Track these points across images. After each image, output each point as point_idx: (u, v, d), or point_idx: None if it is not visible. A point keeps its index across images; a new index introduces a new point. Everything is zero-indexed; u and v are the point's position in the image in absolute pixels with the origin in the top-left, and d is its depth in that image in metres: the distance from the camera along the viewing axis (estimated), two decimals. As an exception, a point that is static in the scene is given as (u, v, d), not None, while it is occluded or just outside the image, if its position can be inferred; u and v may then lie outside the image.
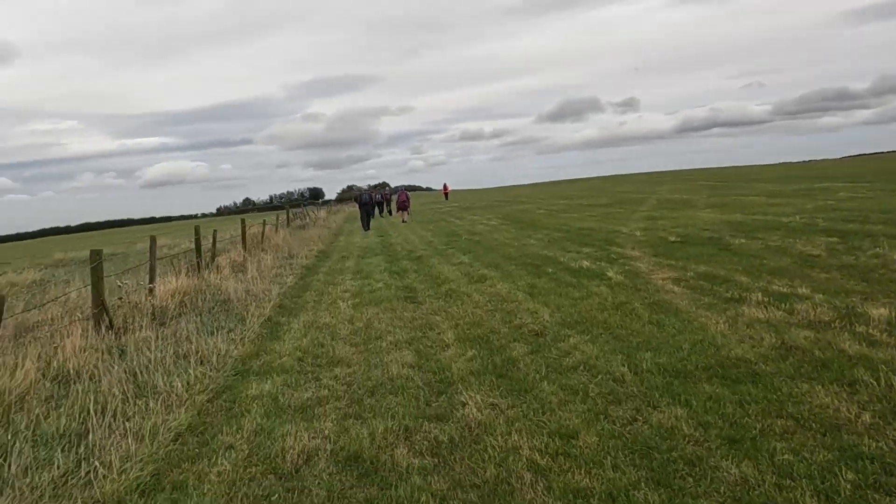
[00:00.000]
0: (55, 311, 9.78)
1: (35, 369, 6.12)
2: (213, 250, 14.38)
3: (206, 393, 5.57)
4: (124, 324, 8.19)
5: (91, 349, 7.00)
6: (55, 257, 23.06)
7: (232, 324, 8.08)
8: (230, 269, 13.33)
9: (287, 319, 8.47)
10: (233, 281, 11.16)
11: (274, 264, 14.06)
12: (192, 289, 10.59)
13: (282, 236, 21.15)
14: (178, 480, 3.96)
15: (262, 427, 4.73)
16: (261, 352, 6.92)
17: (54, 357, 6.55)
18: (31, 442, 4.45)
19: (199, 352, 6.68)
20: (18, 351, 6.89)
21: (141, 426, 4.70)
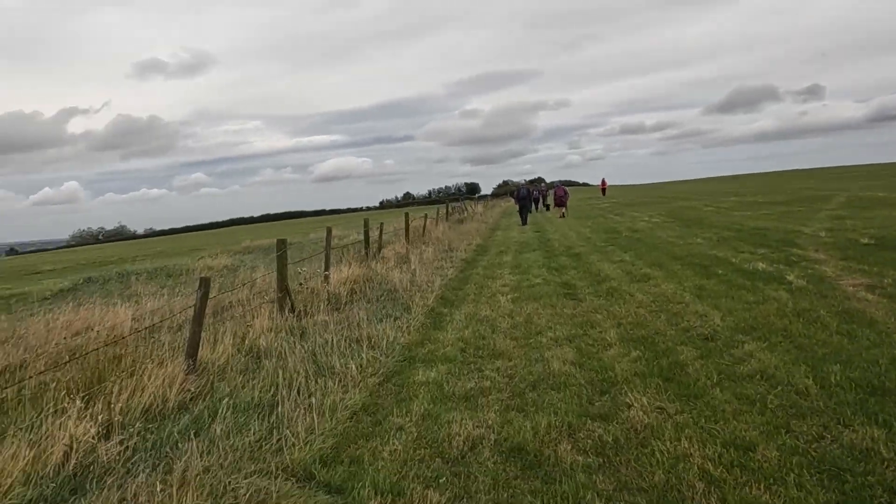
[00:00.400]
0: (244, 293, 10.89)
1: (231, 345, 6.88)
2: (379, 242, 15.21)
3: (377, 376, 5.93)
4: (303, 308, 8.93)
5: (276, 329, 7.72)
6: (243, 245, 25.64)
7: (398, 312, 8.51)
8: (395, 260, 14.01)
9: (449, 311, 8.76)
10: (397, 271, 11.72)
11: (435, 257, 14.58)
12: (361, 277, 11.28)
13: (441, 230, 21.84)
14: (354, 455, 4.28)
15: (429, 412, 4.95)
16: (425, 340, 7.22)
17: (247, 335, 7.32)
18: (231, 408, 5.02)
19: (369, 337, 7.12)
20: (218, 327, 7.78)
21: (322, 403, 5.12)
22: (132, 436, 4.66)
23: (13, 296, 15.83)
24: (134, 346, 6.70)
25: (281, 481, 3.88)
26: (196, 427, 4.74)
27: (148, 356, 6.28)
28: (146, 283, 15.07)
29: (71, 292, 15.05)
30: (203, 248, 34.86)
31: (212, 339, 7.02)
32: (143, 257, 34.83)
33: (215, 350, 6.64)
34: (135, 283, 15.24)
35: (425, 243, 18.19)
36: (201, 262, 18.43)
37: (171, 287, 13.99)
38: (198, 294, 6.13)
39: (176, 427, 4.79)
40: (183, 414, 5.11)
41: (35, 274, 30.64)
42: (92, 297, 13.58)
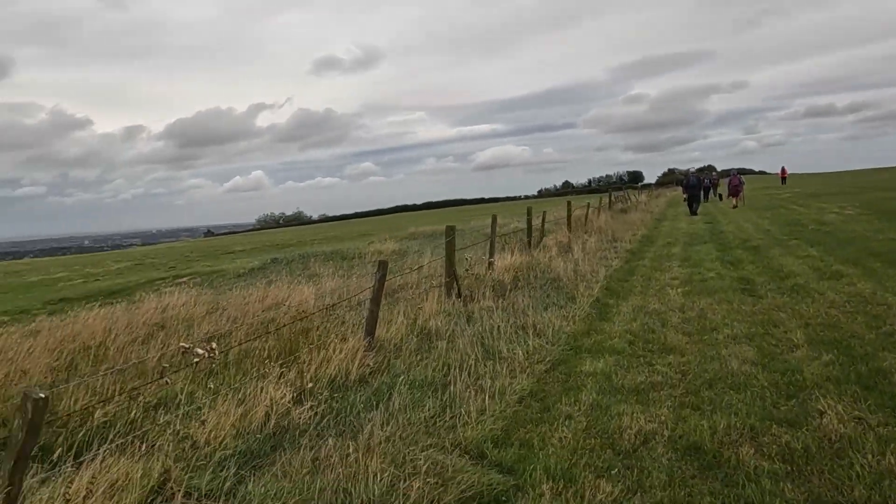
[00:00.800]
0: (412, 277, 11.41)
1: (404, 325, 7.27)
2: (541, 230, 15.19)
3: (543, 364, 5.98)
4: (469, 293, 9.18)
5: (444, 313, 8.02)
6: (408, 231, 26.81)
7: (562, 301, 8.48)
8: (556, 249, 13.92)
9: (615, 302, 8.57)
10: (560, 261, 11.65)
11: (598, 247, 14.28)
12: (523, 265, 11.35)
13: (603, 219, 21.31)
14: (524, 439, 4.37)
15: (598, 403, 4.91)
16: (591, 331, 7.14)
17: (417, 316, 7.68)
18: (407, 385, 5.32)
19: (535, 325, 7.18)
20: (391, 308, 8.25)
21: (491, 385, 5.26)
22: (320, 403, 5.11)
23: (214, 272, 17.86)
24: (320, 322, 7.32)
25: (455, 457, 4.07)
26: (376, 399, 5.09)
27: (331, 332, 6.83)
28: (324, 265, 16.30)
29: (260, 271, 16.68)
30: (371, 233, 36.90)
31: (386, 318, 7.45)
32: (319, 241, 37.59)
33: (389, 329, 7.05)
34: (313, 264, 16.54)
35: (587, 233, 17.86)
36: (372, 247, 19.56)
37: (346, 269, 15.02)
38: (376, 276, 6.54)
39: (358, 398, 5.18)
40: (363, 386, 5.50)
41: (229, 254, 34.18)
42: (278, 276, 14.97)
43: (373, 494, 3.55)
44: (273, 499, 3.59)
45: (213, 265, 22.67)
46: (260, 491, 3.70)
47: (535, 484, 3.67)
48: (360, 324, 7.27)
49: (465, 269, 9.94)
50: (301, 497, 3.59)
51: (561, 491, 3.59)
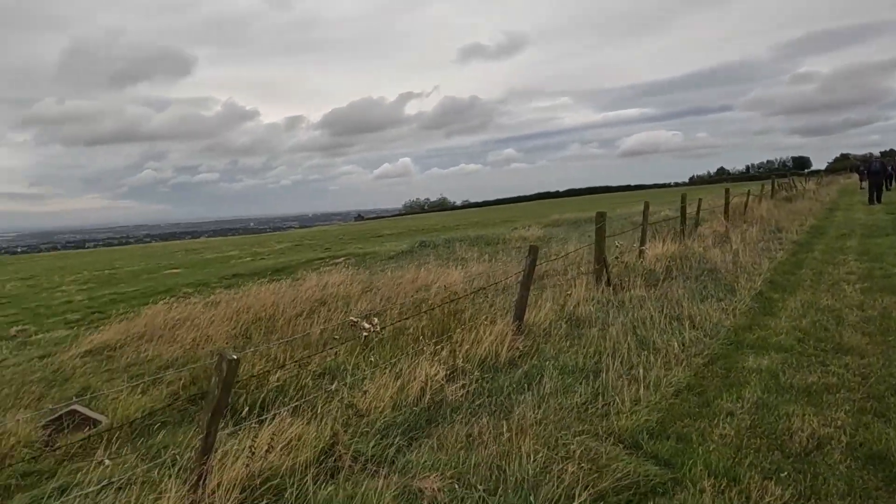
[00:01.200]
0: (559, 264, 11.32)
1: (552, 310, 7.25)
2: (696, 218, 14.41)
3: (701, 357, 5.71)
4: (619, 281, 8.95)
5: (593, 300, 7.90)
6: (552, 218, 26.55)
7: (721, 293, 8.01)
8: (712, 238, 13.15)
9: (781, 296, 7.96)
10: (717, 250, 11.01)
11: (759, 237, 13.30)
12: (677, 254, 10.86)
13: (765, 208, 19.78)
14: (681, 432, 4.21)
15: (763, 401, 4.62)
16: (754, 325, 6.70)
17: (566, 302, 7.62)
18: (557, 369, 5.32)
19: (691, 317, 6.86)
20: (539, 293, 8.25)
21: (645, 376, 5.12)
22: (471, 382, 5.25)
23: (366, 254, 18.81)
24: (469, 304, 7.49)
25: (609, 445, 4.02)
26: (526, 382, 5.14)
27: (481, 314, 6.97)
28: (469, 249, 16.59)
29: (409, 254, 17.32)
30: (514, 219, 36.97)
31: (534, 303, 7.47)
32: (463, 226, 38.28)
33: (538, 314, 7.06)
34: (459, 248, 16.89)
35: (747, 222, 16.69)
36: (515, 233, 19.61)
37: (490, 254, 15.19)
38: (527, 260, 6.57)
39: (508, 380, 5.26)
40: (512, 369, 5.57)
41: (378, 237, 35.79)
42: (426, 259, 15.47)
43: (527, 474, 3.61)
44: (431, 469, 3.75)
45: (365, 247, 23.86)
46: (420, 460, 3.89)
47: (696, 479, 3.54)
48: (508, 308, 7.35)
49: (613, 257, 9.70)
50: (457, 470, 3.72)
51: (724, 489, 3.43)
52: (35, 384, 7.25)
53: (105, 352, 8.46)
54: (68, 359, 8.15)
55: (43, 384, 7.26)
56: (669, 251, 11.07)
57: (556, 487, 3.45)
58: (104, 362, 8.00)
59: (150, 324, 9.28)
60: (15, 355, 9.17)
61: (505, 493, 3.47)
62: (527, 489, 3.48)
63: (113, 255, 38.98)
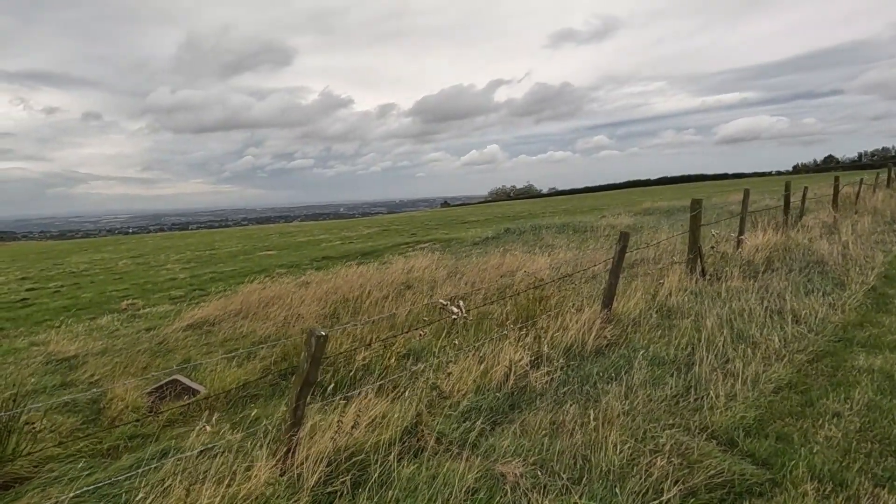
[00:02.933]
0: (650, 252, 10.94)
1: (643, 300, 7.00)
2: (801, 208, 13.54)
3: (804, 353, 5.35)
4: (714, 272, 8.54)
5: (686, 290, 7.57)
6: (643, 206, 25.71)
7: (828, 287, 7.48)
8: (819, 229, 12.32)
9: (894, 292, 7.35)
10: (825, 242, 10.29)
11: (873, 229, 12.33)
12: (779, 245, 10.25)
13: (880, 198, 18.31)
14: (781, 431, 3.96)
15: (875, 403, 4.28)
16: (865, 322, 6.22)
17: (658, 292, 7.35)
18: (647, 360, 5.13)
19: (793, 311, 6.44)
20: (629, 282, 8.00)
21: (741, 371, 4.85)
22: (556, 369, 5.16)
23: (451, 239, 18.89)
24: (555, 291, 7.36)
25: (702, 440, 3.84)
26: (614, 372, 4.99)
27: (568, 301, 6.83)
28: (556, 237, 16.33)
29: (494, 240, 17.25)
30: (603, 207, 36.09)
31: (623, 292, 7.25)
32: (550, 213, 37.80)
33: (627, 303, 6.84)
34: (546, 235, 16.66)
35: (858, 213, 15.53)
36: (604, 221, 19.12)
37: (578, 241, 14.90)
38: (616, 247, 6.37)
39: (595, 368, 5.12)
40: (599, 358, 5.43)
41: (463, 223, 35.90)
42: (512, 245, 15.37)
43: (613, 465, 3.50)
44: (514, 454, 3.71)
45: (450, 233, 24.00)
46: (502, 445, 3.85)
47: (797, 482, 3.32)
48: (596, 296, 7.17)
49: (709, 247, 9.27)
50: (541, 456, 3.66)
51: (829, 494, 3.20)
52: (142, 354, 7.74)
53: (204, 326, 8.92)
54: (171, 332, 8.65)
55: (148, 354, 7.74)
56: (771, 241, 10.45)
57: (643, 480, 3.33)
58: (203, 336, 8.44)
59: (245, 301, 9.70)
60: (126, 327, 9.82)
61: (590, 482, 3.38)
62: (612, 480, 3.37)
63: (214, 237, 41.08)
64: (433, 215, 55.16)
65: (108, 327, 9.89)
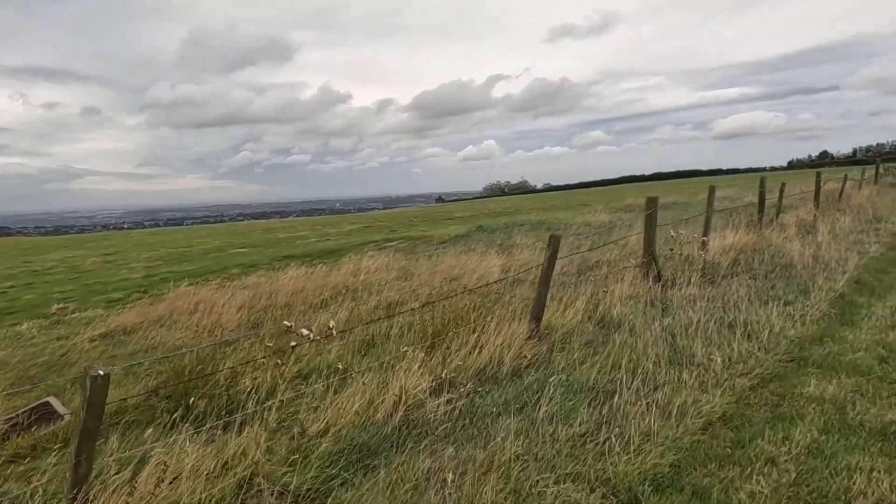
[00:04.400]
0: (613, 253, 10.22)
1: (583, 310, 6.27)
2: (778, 206, 12.80)
3: (748, 377, 4.63)
4: (672, 276, 7.83)
5: (635, 298, 6.85)
6: (626, 202, 24.98)
7: (791, 295, 6.76)
8: (796, 228, 11.61)
9: (867, 301, 6.63)
10: (797, 242, 9.57)
11: (853, 228, 11.61)
12: (748, 246, 9.53)
13: (866, 195, 17.61)
14: (699, 484, 3.25)
15: (818, 446, 3.56)
16: (826, 337, 5.50)
17: (602, 300, 6.63)
18: (562, 387, 4.40)
19: (746, 323, 5.72)
20: (577, 288, 7.28)
21: (669, 400, 4.13)
22: (461, 396, 4.44)
23: (422, 237, 18.14)
24: (487, 300, 6.64)
25: (596, 497, 3.12)
26: (521, 402, 4.27)
27: (496, 312, 6.10)
28: (526, 235, 15.60)
29: (462, 239, 16.51)
30: (590, 203, 35.39)
31: (565, 300, 6.52)
32: (535, 209, 37.13)
33: (565, 314, 6.12)
34: (517, 234, 15.93)
35: (841, 210, 14.83)
36: (580, 218, 18.41)
37: (546, 240, 14.17)
38: (546, 253, 5.63)
39: (503, 396, 4.40)
40: (514, 381, 4.70)
41: (448, 219, 35.10)
42: (478, 245, 14.63)
43: (473, 537, 2.78)
44: (360, 517, 2.99)
45: (428, 230, 23.24)
46: (352, 502, 3.13)
47: (699, 563, 2.60)
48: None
49: (669, 249, 8.55)
50: (391, 522, 2.94)
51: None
52: (36, 368, 7.01)
53: (118, 335, 8.19)
54: (80, 342, 7.91)
55: (43, 368, 7.01)
56: (740, 242, 9.74)
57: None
58: (112, 347, 7.70)
59: (170, 307, 8.97)
60: (42, 334, 9.07)
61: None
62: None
63: (199, 233, 40.21)
64: (423, 211, 54.33)
65: (24, 335, 9.14)
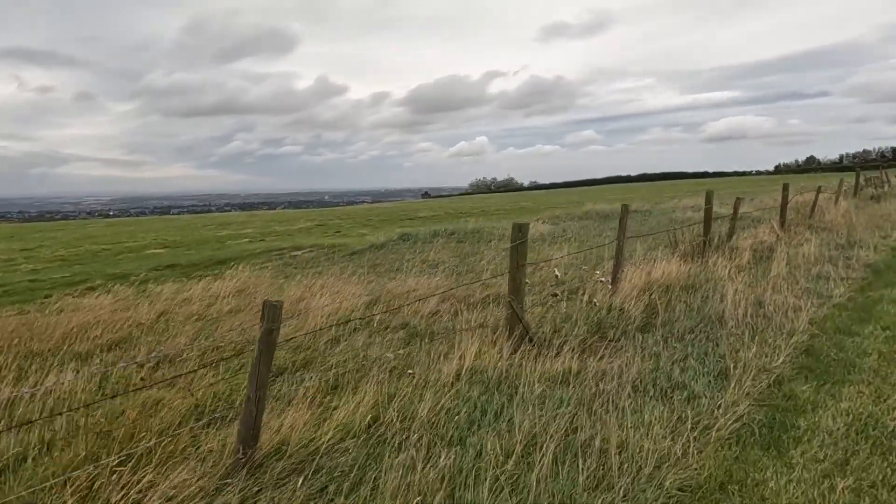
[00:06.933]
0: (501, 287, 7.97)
1: (371, 405, 3.99)
2: (731, 225, 10.56)
3: None
4: (552, 334, 5.57)
5: (477, 375, 4.60)
6: (584, 208, 22.74)
7: (703, 379, 4.50)
8: (750, 254, 9.40)
9: (812, 396, 4.34)
10: (741, 279, 7.34)
11: (818, 255, 9.37)
12: (678, 283, 7.31)
13: (842, 209, 15.41)
14: None
15: None
16: (734, 477, 3.26)
17: (408, 386, 4.34)
18: None
19: (605, 450, 3.46)
20: (420, 353, 5.06)
21: None
22: None
23: (335, 246, 15.79)
24: (231, 377, 4.36)
25: None
26: None
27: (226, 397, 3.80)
28: (443, 247, 13.35)
29: (377, 249, 14.22)
30: (544, 208, 33.30)
31: (351, 387, 4.25)
32: (499, 212, 35.00)
33: (331, 417, 3.82)
34: (434, 245, 13.64)
35: (811, 228, 12.67)
36: (536, 229, 16.13)
37: (461, 256, 11.91)
38: (260, 329, 3.29)
39: None
40: None
41: (407, 219, 32.79)
42: (379, 260, 12.36)
43: None
44: None
45: (365, 234, 20.96)
46: None
47: None
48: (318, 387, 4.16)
49: (553, 294, 6.33)
50: None
51: None
52: None
53: None
54: None
55: None
56: (671, 275, 7.52)
57: None
58: None
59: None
60: None
61: None
62: None
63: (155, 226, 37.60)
64: (392, 209, 52.02)
65: None
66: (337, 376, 4.55)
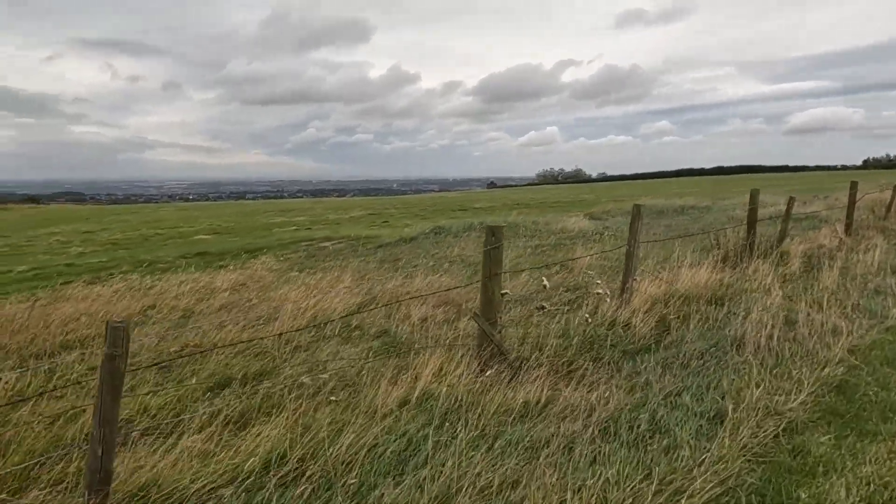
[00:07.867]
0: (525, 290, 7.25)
1: (275, 438, 3.42)
2: (783, 226, 9.41)
3: None
4: (538, 354, 4.85)
5: (428, 402, 3.96)
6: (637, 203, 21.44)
7: (694, 424, 3.70)
8: (800, 261, 8.31)
9: (830, 451, 3.47)
10: (774, 294, 6.35)
11: (879, 265, 8.17)
12: (702, 295, 6.41)
13: (927, 210, 13.80)
14: None
15: None
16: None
17: (342, 417, 3.75)
18: None
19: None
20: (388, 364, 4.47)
21: None
22: None
23: (368, 238, 15.36)
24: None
25: None
26: None
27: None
28: (476, 241, 12.68)
29: (407, 243, 13.68)
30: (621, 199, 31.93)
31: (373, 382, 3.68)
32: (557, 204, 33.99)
33: (179, 461, 3.25)
34: (464, 240, 12.99)
35: (884, 231, 11.30)
36: (560, 224, 15.22)
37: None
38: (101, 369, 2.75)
39: None
40: None
41: (460, 210, 32.21)
42: (409, 254, 11.84)
43: None
44: None
45: (409, 225, 20.51)
46: None
47: None
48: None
49: (541, 307, 5.58)
50: None
51: None
52: None
53: None
54: None
55: None
56: (695, 286, 6.62)
57: None
58: None
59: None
60: None
61: None
62: None
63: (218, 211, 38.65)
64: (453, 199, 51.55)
65: None
66: (262, 397, 4.00)
